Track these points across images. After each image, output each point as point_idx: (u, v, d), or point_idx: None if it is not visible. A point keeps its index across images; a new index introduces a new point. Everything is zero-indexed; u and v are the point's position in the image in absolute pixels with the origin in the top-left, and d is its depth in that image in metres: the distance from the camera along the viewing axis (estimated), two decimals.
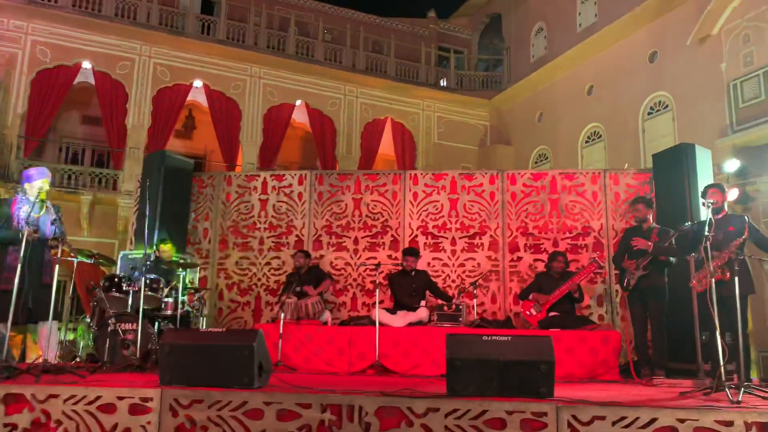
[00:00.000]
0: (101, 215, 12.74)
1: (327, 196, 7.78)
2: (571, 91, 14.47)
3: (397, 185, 7.71)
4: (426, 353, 5.93)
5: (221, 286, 7.66)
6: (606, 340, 5.81)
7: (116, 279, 5.75)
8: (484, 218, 7.47)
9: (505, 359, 3.60)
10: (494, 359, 3.60)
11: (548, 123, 15.20)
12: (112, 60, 13.24)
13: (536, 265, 7.24)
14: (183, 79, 13.89)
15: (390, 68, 16.58)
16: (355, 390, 3.69)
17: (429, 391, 3.75)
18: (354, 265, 7.53)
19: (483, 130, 17.14)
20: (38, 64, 12.56)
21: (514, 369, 3.58)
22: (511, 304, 7.20)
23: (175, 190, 7.56)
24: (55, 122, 14.94)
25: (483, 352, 3.66)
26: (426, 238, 7.52)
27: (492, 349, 3.65)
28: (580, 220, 7.32)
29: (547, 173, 7.55)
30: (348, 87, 15.77)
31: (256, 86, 14.70)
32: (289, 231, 7.73)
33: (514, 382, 3.57)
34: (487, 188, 7.53)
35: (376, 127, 16.02)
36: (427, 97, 16.63)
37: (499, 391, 3.52)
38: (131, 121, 13.30)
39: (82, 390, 3.64)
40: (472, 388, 3.58)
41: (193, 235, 7.85)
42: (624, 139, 12.59)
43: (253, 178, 8.01)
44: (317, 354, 6.07)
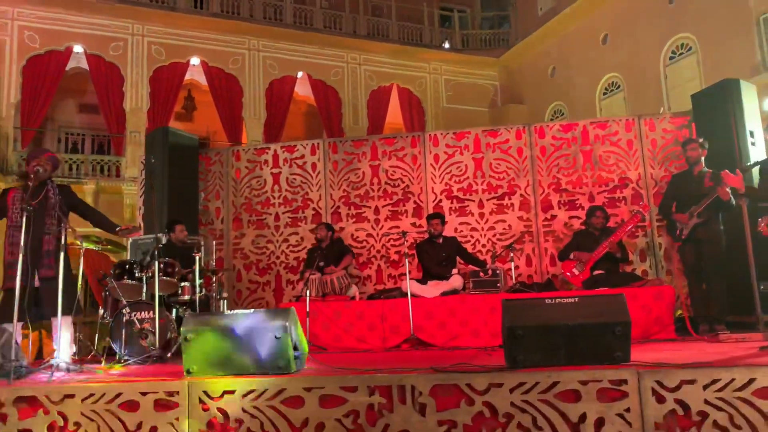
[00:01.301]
0: (107, 204, 12.29)
1: (342, 165, 7.31)
2: (584, 42, 13.84)
3: (416, 148, 7.23)
4: (464, 324, 5.54)
5: (238, 267, 7.26)
6: (659, 295, 5.38)
7: (128, 266, 5.33)
8: (512, 176, 6.99)
9: (574, 323, 3.18)
10: (562, 324, 3.20)
11: (562, 77, 14.60)
12: (104, 41, 12.69)
13: (572, 223, 6.80)
14: (179, 57, 13.35)
15: (392, 32, 15.94)
16: (402, 368, 3.31)
17: (485, 364, 3.34)
18: (376, 236, 7.10)
19: (493, 90, 16.54)
20: (28, 50, 12.02)
21: (584, 334, 3.20)
22: (548, 266, 6.77)
23: (182, 168, 7.11)
24: (51, 112, 14.48)
25: (547, 317, 3.27)
26: (451, 202, 7.06)
27: (558, 313, 3.27)
28: (616, 172, 6.84)
29: (577, 123, 7.04)
30: (350, 54, 15.17)
31: (256, 60, 14.14)
32: (305, 204, 7.29)
33: (585, 348, 3.19)
34: (514, 144, 7.04)
35: (382, 94, 15.45)
36: (433, 60, 16.01)
37: (569, 359, 3.15)
38: (129, 104, 12.81)
39: (101, 387, 3.31)
40: (537, 357, 3.21)
41: (205, 215, 7.43)
42: (645, 87, 12.01)
43: (262, 151, 7.55)
44: (347, 331, 5.69)
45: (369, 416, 2.97)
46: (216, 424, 3.09)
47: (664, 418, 2.74)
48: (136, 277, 5.29)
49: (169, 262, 5.42)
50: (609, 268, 5.86)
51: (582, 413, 2.78)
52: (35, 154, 4.51)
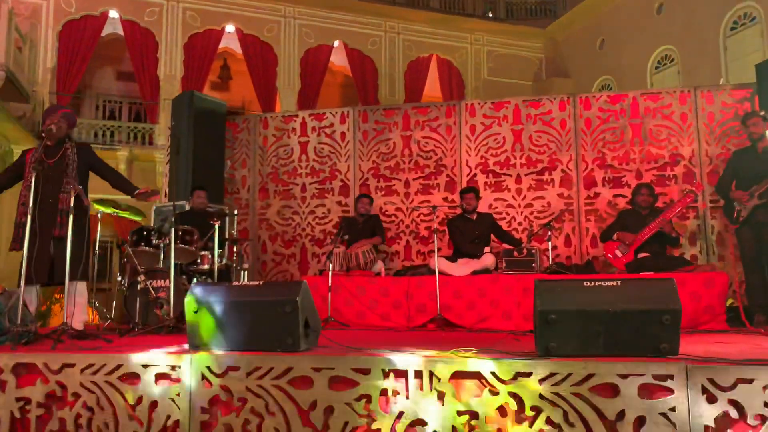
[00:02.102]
0: (140, 171, 12.31)
1: (372, 135, 6.98)
2: (636, 12, 13.03)
3: (451, 119, 6.83)
4: (494, 305, 5.20)
5: (263, 238, 7.06)
6: (710, 282, 4.91)
7: (145, 232, 5.15)
8: (554, 150, 6.54)
9: (616, 309, 2.83)
10: (601, 310, 2.85)
11: (611, 50, 13.85)
12: (139, 6, 12.56)
13: (616, 202, 6.34)
14: (214, 24, 13.14)
15: (433, 0, 15.37)
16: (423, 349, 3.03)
17: (513, 350, 3.02)
18: (406, 210, 6.77)
19: (537, 62, 15.85)
20: (64, 15, 11.98)
21: (627, 321, 2.84)
22: (588, 247, 6.34)
23: (208, 135, 6.89)
24: (90, 79, 14.53)
25: (586, 301, 2.92)
26: (487, 176, 6.67)
27: (597, 298, 2.90)
28: (667, 147, 6.33)
29: (627, 95, 6.52)
30: (389, 23, 14.69)
31: (291, 27, 13.82)
32: (333, 175, 7.00)
33: (626, 337, 2.84)
34: (557, 116, 6.58)
35: (421, 65, 14.96)
36: (475, 30, 15.38)
37: (608, 348, 2.80)
38: (163, 71, 12.70)
39: (102, 358, 3.13)
40: (572, 346, 2.85)
41: (231, 184, 7.23)
42: (702, 60, 11.23)
43: (290, 119, 7.27)
44: (371, 308, 5.41)
45: (382, 402, 2.70)
46: (219, 401, 2.88)
47: (716, 421, 2.39)
48: (153, 245, 5.11)
49: (188, 229, 5.22)
50: (656, 250, 5.42)
51: (620, 410, 2.46)
52: (49, 112, 4.36)
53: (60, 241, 4.11)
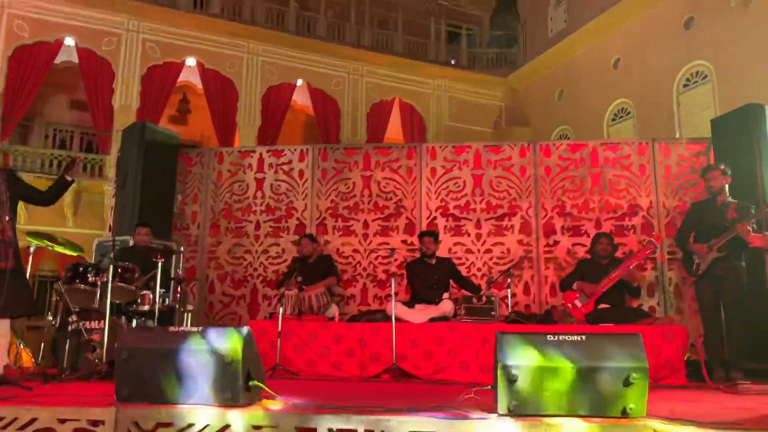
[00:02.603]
0: (88, 204, 11.79)
1: (332, 174, 6.79)
2: (594, 66, 13.43)
3: (412, 160, 6.72)
4: (452, 355, 4.99)
5: (212, 277, 6.70)
6: (669, 336, 4.83)
7: (81, 268, 4.76)
8: (513, 197, 6.48)
9: (580, 365, 2.65)
10: (566, 366, 2.67)
11: (569, 101, 14.18)
12: (97, 35, 12.23)
13: (575, 251, 6.27)
14: (174, 57, 12.90)
15: (397, 45, 15.54)
16: (373, 405, 2.81)
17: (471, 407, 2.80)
18: (364, 252, 6.56)
19: (498, 111, 16.11)
20: (16, 39, 11.54)
21: (592, 379, 2.66)
22: (547, 296, 6.22)
23: (159, 167, 6.58)
24: (41, 107, 14.02)
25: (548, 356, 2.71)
26: (446, 220, 6.53)
27: (562, 353, 2.71)
28: (626, 198, 6.34)
29: (586, 144, 6.55)
30: (353, 65, 14.74)
31: (254, 64, 13.70)
32: (289, 214, 6.75)
33: (592, 396, 2.66)
34: (516, 162, 6.54)
35: (384, 108, 15.00)
36: (437, 76, 15.58)
37: (572, 408, 2.65)
38: (118, 102, 12.32)
39: (14, 410, 2.78)
40: (533, 405, 2.67)
41: (180, 219, 6.89)
42: (656, 114, 11.55)
43: (247, 154, 7.03)
44: (323, 356, 5.12)
45: None
46: None
47: None
48: (90, 282, 4.72)
49: (128, 266, 4.86)
50: (616, 301, 5.33)
51: None
52: None
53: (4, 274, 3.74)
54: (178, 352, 2.90)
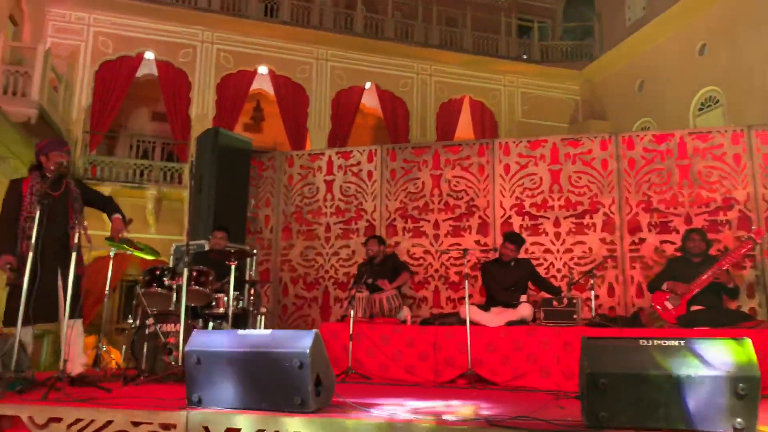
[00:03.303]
0: (169, 210, 12.25)
1: (401, 174, 6.66)
2: (678, 53, 12.63)
3: (484, 157, 6.48)
4: (532, 360, 4.72)
5: (285, 280, 6.73)
6: None
7: (157, 272, 4.86)
8: (594, 192, 6.11)
9: (680, 374, 2.38)
10: (663, 374, 2.40)
11: (651, 91, 13.41)
12: (174, 48, 12.74)
13: (663, 248, 5.84)
14: (247, 65, 13.23)
15: (466, 42, 15.24)
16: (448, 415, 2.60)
17: (556, 418, 2.59)
18: (435, 253, 6.38)
19: (573, 105, 15.49)
20: (101, 56, 12.21)
21: (693, 389, 2.38)
22: (633, 298, 5.82)
23: (232, 172, 6.68)
24: (125, 120, 14.73)
25: (643, 363, 2.48)
26: (522, 218, 6.25)
27: (657, 360, 2.45)
28: (719, 190, 5.84)
29: (673, 134, 6.09)
30: (421, 65, 14.59)
31: (323, 69, 13.83)
32: (358, 216, 6.68)
33: (693, 409, 2.37)
34: (597, 155, 6.17)
35: (453, 107, 14.75)
36: (508, 72, 15.16)
37: (670, 421, 2.37)
38: (195, 111, 12.76)
39: (91, 412, 2.81)
40: (626, 416, 2.42)
41: (254, 223, 6.97)
42: (749, 101, 10.70)
43: (317, 157, 7.02)
44: (395, 360, 4.98)
45: None
46: None
47: None
48: (166, 286, 4.81)
49: (203, 270, 4.92)
50: (711, 303, 4.90)
51: None
52: (56, 146, 4.11)
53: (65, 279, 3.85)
54: (248, 356, 2.85)
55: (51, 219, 3.84)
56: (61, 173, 4.01)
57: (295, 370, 2.74)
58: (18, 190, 3.98)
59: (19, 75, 9.84)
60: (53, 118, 10.63)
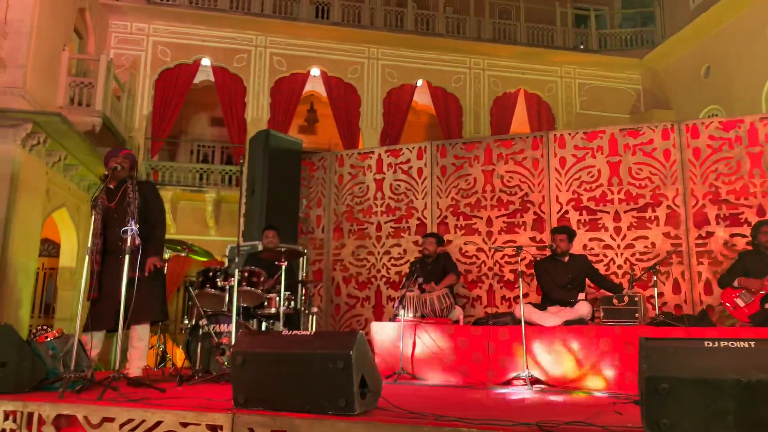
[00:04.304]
0: (227, 213, 12.52)
1: (452, 170, 6.54)
2: (748, 35, 11.89)
3: (538, 151, 6.28)
4: (591, 361, 4.51)
5: (337, 280, 6.73)
6: None
7: (210, 273, 4.93)
8: (657, 184, 5.81)
9: (750, 379, 2.19)
10: (730, 379, 2.20)
11: (719, 77, 12.69)
12: (229, 54, 13.00)
13: (734, 242, 5.49)
14: (300, 68, 13.35)
15: (520, 34, 14.86)
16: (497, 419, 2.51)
17: (613, 424, 2.44)
18: (488, 251, 6.22)
19: (635, 94, 14.85)
20: (160, 64, 12.60)
21: (765, 396, 2.15)
22: (701, 295, 5.49)
23: (283, 173, 6.74)
24: (185, 126, 15.16)
25: (708, 366, 2.29)
26: (580, 213, 6.01)
27: (724, 362, 2.29)
28: None
29: (743, 120, 5.72)
30: (473, 59, 14.32)
31: (375, 68, 13.80)
32: (409, 214, 6.60)
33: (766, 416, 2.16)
34: (659, 145, 5.86)
35: (508, 101, 14.41)
36: (565, 63, 14.68)
37: (740, 429, 2.17)
38: (250, 115, 12.99)
39: (142, 413, 2.85)
40: (690, 424, 2.23)
41: (306, 223, 7.00)
42: None
43: (366, 155, 6.99)
44: (448, 361, 4.87)
45: None
46: None
47: None
48: (219, 287, 4.87)
49: (255, 270, 4.96)
50: None
51: None
52: (113, 153, 4.22)
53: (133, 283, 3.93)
54: (291, 357, 2.82)
55: (111, 228, 3.97)
56: (116, 178, 4.11)
57: (338, 371, 2.69)
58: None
59: (84, 86, 10.27)
60: (116, 126, 11.05)
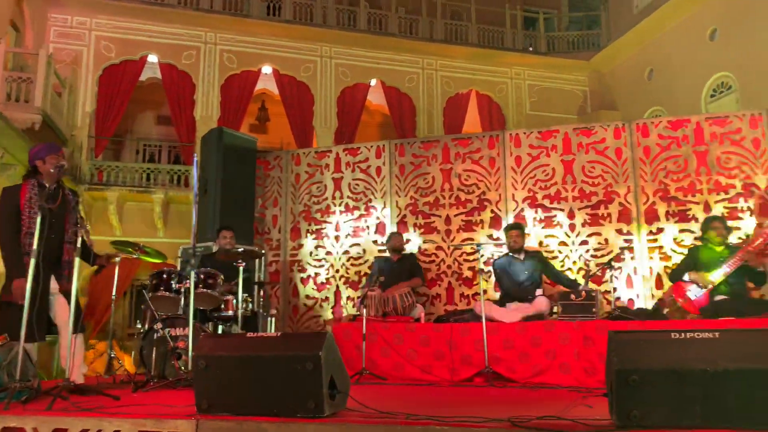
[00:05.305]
0: (176, 214, 12.18)
1: (410, 169, 6.54)
2: (688, 39, 12.42)
3: (494, 149, 6.34)
4: (551, 356, 4.58)
5: (295, 281, 6.61)
6: None
7: (165, 276, 4.76)
8: (609, 182, 5.96)
9: (717, 368, 2.25)
10: (697, 369, 2.25)
11: (661, 79, 13.20)
12: (177, 50, 12.66)
13: (683, 238, 5.68)
14: (251, 65, 13.13)
15: (472, 35, 15.06)
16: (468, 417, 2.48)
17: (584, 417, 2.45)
18: (447, 249, 6.24)
19: (582, 96, 15.29)
20: (104, 60, 12.14)
21: (731, 384, 2.24)
22: (653, 289, 5.67)
23: (238, 172, 6.59)
24: (131, 124, 14.68)
25: (676, 357, 2.35)
26: (535, 211, 6.11)
27: (691, 353, 2.34)
28: (738, 177, 5.68)
29: (689, 119, 5.93)
30: (426, 60, 14.44)
31: (328, 67, 13.72)
32: (368, 212, 6.55)
33: (732, 405, 2.22)
34: (611, 144, 6.01)
35: (460, 101, 14.60)
36: (515, 64, 14.99)
37: (707, 419, 2.23)
38: (200, 113, 12.69)
39: (98, 422, 2.69)
40: (659, 415, 2.27)
41: (261, 224, 6.85)
42: (764, 86, 10.48)
43: (324, 154, 6.90)
44: (410, 359, 4.86)
45: None
46: None
47: None
48: (174, 289, 4.71)
49: (211, 272, 4.81)
50: (735, 292, 4.73)
51: None
52: (52, 149, 3.78)
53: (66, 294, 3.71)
54: (257, 360, 2.73)
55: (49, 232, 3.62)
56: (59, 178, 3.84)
57: (307, 372, 2.62)
58: (15, 201, 3.68)
59: (22, 81, 9.78)
60: (57, 123, 10.57)
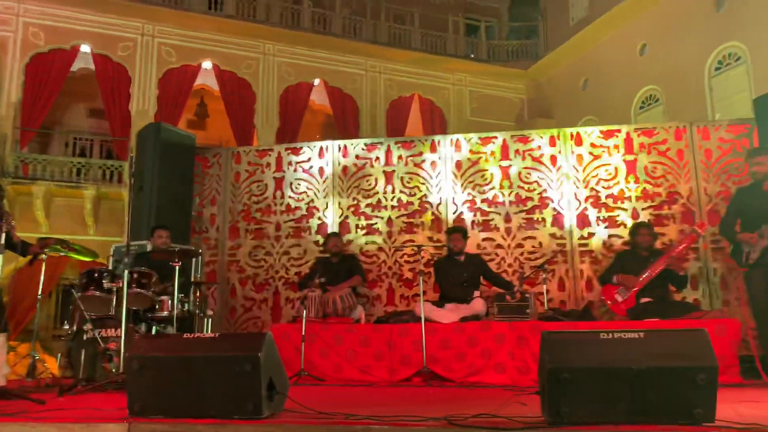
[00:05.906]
0: (108, 211, 11.72)
1: (353, 171, 6.55)
2: (620, 53, 13.03)
3: (436, 153, 6.44)
4: (487, 356, 4.71)
5: (233, 281, 6.49)
6: (721, 330, 4.48)
7: (96, 275, 4.59)
8: (544, 188, 6.17)
9: (641, 366, 2.38)
10: (623, 367, 2.38)
11: (595, 90, 13.79)
12: (113, 41, 12.18)
13: (611, 242, 5.95)
14: (191, 60, 12.81)
15: (415, 40, 15.26)
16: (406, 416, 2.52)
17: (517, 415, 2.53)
18: (388, 250, 6.30)
19: (520, 103, 15.76)
20: (32, 47, 11.53)
21: (654, 381, 2.40)
22: (583, 291, 5.90)
23: (175, 169, 6.40)
24: (60, 116, 14.03)
25: (604, 357, 2.47)
26: (474, 214, 6.25)
27: (618, 353, 2.46)
28: (663, 185, 5.99)
29: (620, 130, 6.22)
30: (370, 62, 14.51)
31: (270, 65, 13.55)
32: (310, 213, 6.52)
33: (654, 400, 2.36)
34: (546, 151, 6.23)
35: (403, 104, 14.74)
36: (457, 70, 15.27)
37: (631, 414, 2.36)
38: (135, 107, 12.25)
39: (19, 427, 2.57)
40: (588, 411, 2.38)
41: (198, 222, 6.69)
42: (687, 99, 11.14)
43: (265, 153, 6.82)
44: (350, 360, 4.87)
45: None
46: None
47: None
48: (105, 289, 4.54)
49: (145, 272, 4.67)
50: (659, 294, 5.00)
51: None
52: None
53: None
54: (195, 360, 2.68)
55: None
56: None
57: (246, 374, 2.59)
58: None
59: None
60: None
